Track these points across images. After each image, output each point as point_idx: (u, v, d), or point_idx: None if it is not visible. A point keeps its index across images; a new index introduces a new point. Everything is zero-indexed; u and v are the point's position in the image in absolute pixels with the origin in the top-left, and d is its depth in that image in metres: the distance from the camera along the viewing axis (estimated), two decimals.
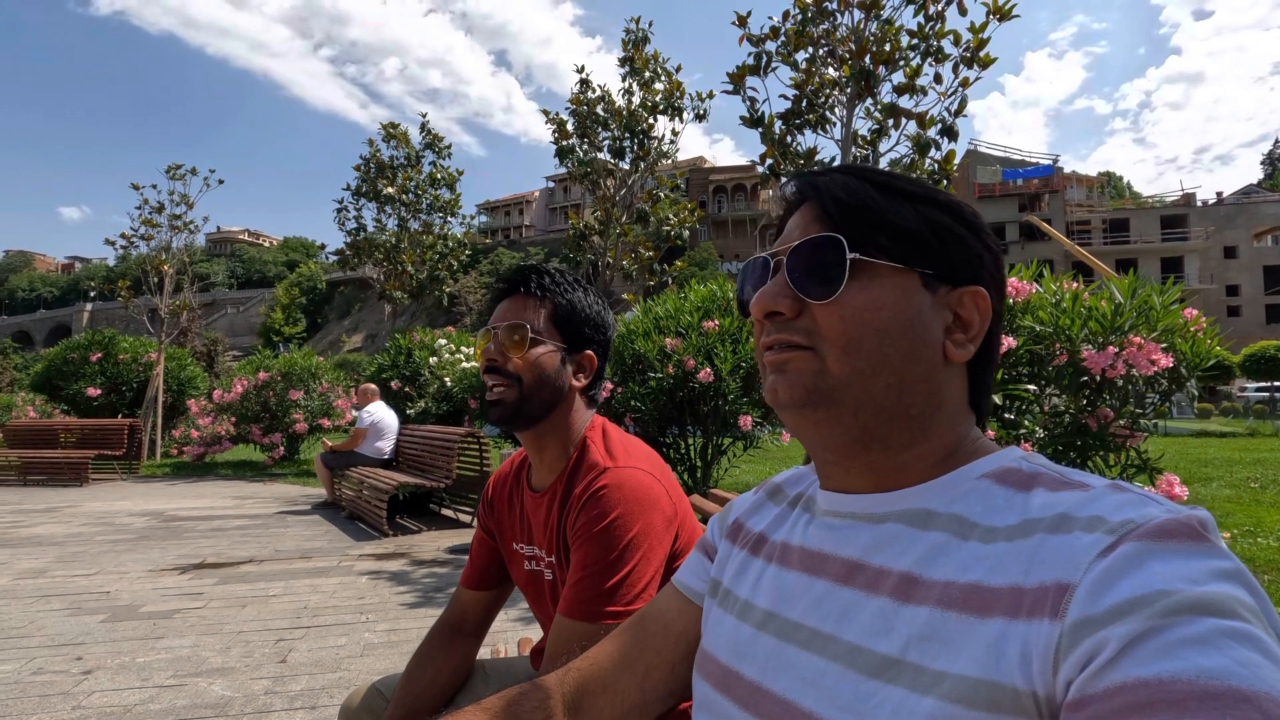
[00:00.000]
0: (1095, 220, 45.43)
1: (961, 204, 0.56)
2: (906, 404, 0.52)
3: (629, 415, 4.95)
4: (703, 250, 46.32)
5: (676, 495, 1.05)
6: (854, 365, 0.51)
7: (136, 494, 7.83)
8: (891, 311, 0.51)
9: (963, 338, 0.53)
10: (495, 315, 1.11)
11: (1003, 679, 0.40)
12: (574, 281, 1.13)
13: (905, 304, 0.51)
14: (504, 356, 1.06)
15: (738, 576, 0.62)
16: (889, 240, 0.52)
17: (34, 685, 2.50)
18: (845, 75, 5.41)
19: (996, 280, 0.56)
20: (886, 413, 0.52)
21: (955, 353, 0.52)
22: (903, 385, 0.51)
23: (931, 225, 0.53)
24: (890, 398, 0.51)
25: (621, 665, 0.65)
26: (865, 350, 0.51)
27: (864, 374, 0.51)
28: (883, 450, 0.53)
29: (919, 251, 0.52)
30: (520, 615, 3.28)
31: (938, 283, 0.53)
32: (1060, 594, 0.39)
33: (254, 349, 14.99)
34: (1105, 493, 0.44)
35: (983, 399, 0.57)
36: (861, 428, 0.52)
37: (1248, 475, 8.44)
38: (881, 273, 0.52)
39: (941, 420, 0.53)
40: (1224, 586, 0.36)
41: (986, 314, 0.54)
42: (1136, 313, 2.58)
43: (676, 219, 10.21)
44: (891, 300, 0.51)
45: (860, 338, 0.51)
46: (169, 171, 12.38)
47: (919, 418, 0.52)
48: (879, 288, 0.52)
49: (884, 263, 0.52)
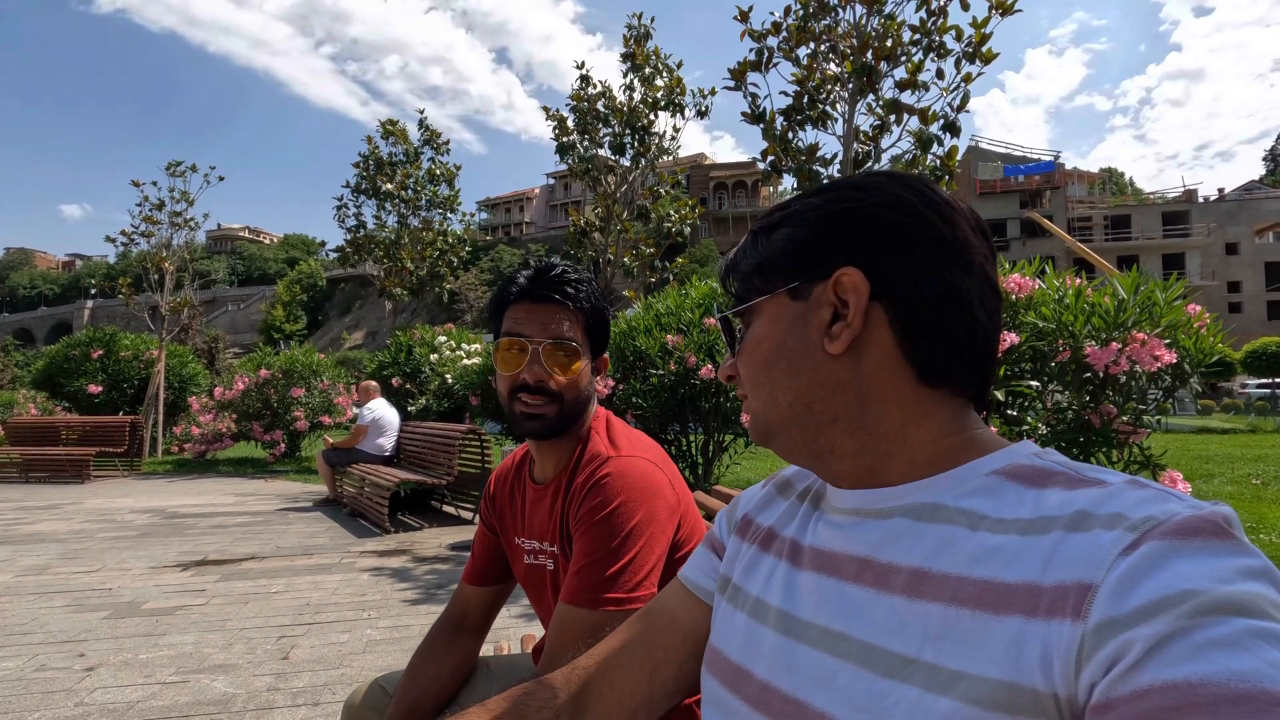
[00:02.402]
0: (1097, 217, 45.35)
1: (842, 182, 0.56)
2: (820, 413, 0.53)
3: (630, 412, 4.95)
4: (704, 247, 46.28)
5: (679, 485, 1.05)
6: (761, 400, 0.57)
7: (138, 491, 7.84)
8: (767, 341, 0.56)
9: (840, 326, 0.52)
10: (527, 325, 1.04)
11: (1022, 680, 0.39)
12: (592, 280, 1.10)
13: (775, 328, 0.56)
14: (549, 376, 1.02)
15: (748, 573, 0.62)
16: (759, 278, 0.57)
17: (37, 682, 2.50)
18: (847, 71, 5.39)
19: (885, 241, 0.52)
20: (810, 427, 0.54)
21: (831, 345, 0.52)
22: (803, 400, 0.54)
23: (786, 242, 0.56)
24: (802, 414, 0.54)
25: (628, 663, 0.65)
26: (760, 384, 0.57)
27: (770, 404, 0.56)
28: (840, 458, 0.54)
29: (779, 274, 0.56)
30: (523, 612, 3.28)
31: (810, 285, 0.54)
32: (1082, 594, 0.38)
33: (255, 346, 14.99)
34: (1124, 489, 0.43)
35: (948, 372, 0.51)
36: (805, 446, 0.56)
37: (1249, 472, 8.44)
38: (758, 310, 0.58)
39: (880, 411, 0.52)
40: (1252, 585, 0.35)
41: (860, 288, 0.51)
42: (1140, 309, 2.57)
43: (677, 215, 10.18)
44: (765, 331, 0.56)
45: (754, 375, 0.57)
46: (169, 168, 12.36)
47: (845, 419, 0.53)
48: (758, 324, 0.57)
49: (756, 300, 0.57)
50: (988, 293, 0.53)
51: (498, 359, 1.06)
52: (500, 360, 1.06)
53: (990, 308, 0.53)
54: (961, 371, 0.52)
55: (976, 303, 0.52)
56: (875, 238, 0.52)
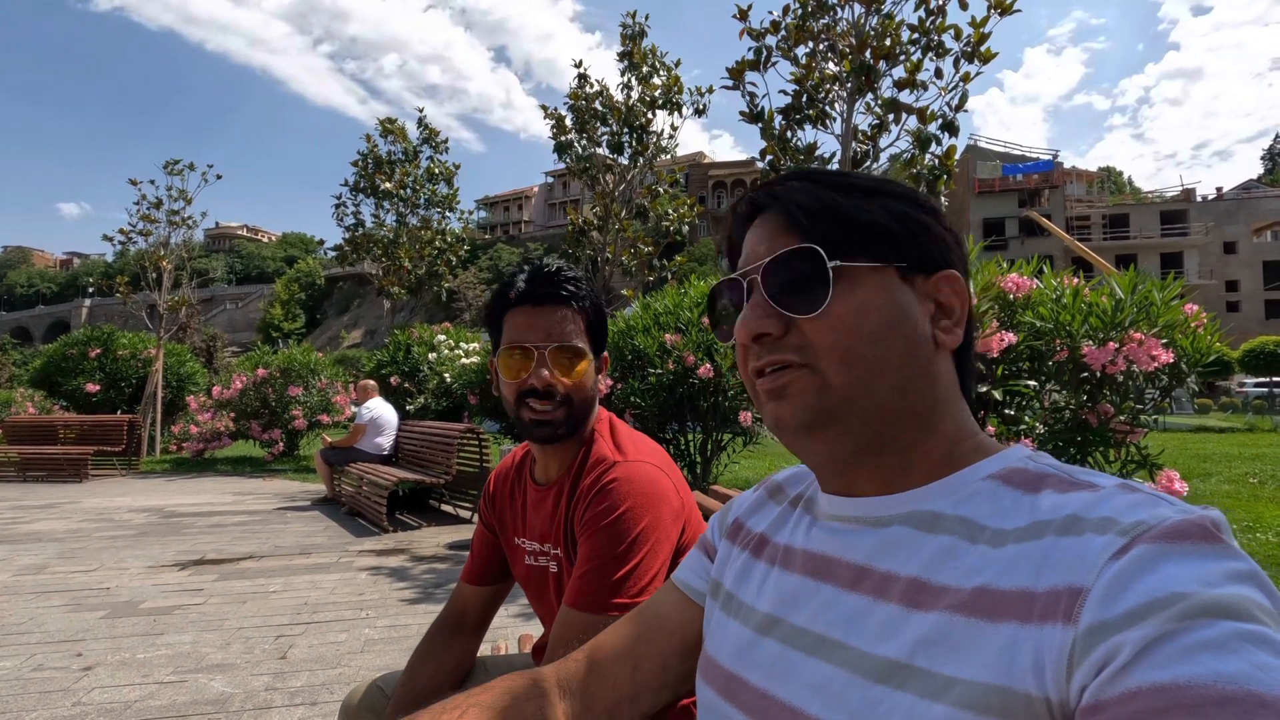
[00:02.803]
0: (1095, 216, 45.38)
1: (917, 192, 0.56)
2: (911, 402, 0.52)
3: (629, 411, 4.95)
4: (702, 246, 46.26)
5: (683, 490, 1.06)
6: (856, 374, 0.50)
7: (136, 490, 7.83)
8: (880, 313, 0.51)
9: (949, 324, 0.53)
10: (530, 330, 1.03)
11: (1015, 685, 0.39)
12: (588, 278, 1.10)
13: (891, 302, 0.51)
14: (557, 380, 1.02)
15: (741, 580, 0.62)
16: (862, 239, 0.52)
17: (34, 682, 2.50)
18: (845, 70, 5.39)
19: (964, 262, 0.56)
20: (894, 415, 0.51)
21: (945, 340, 0.52)
22: (905, 385, 0.51)
23: (897, 217, 0.53)
24: (896, 400, 0.51)
25: (615, 655, 0.66)
26: (864, 357, 0.50)
27: (867, 381, 0.50)
28: (892, 453, 0.53)
29: (891, 246, 0.52)
30: (520, 611, 3.28)
31: (914, 273, 0.53)
32: (1073, 598, 0.39)
33: (253, 345, 14.97)
34: (1115, 493, 0.43)
35: (970, 382, 0.56)
36: (871, 435, 0.52)
37: (1246, 471, 8.46)
38: (862, 274, 0.51)
39: (942, 412, 0.53)
40: (1240, 589, 0.36)
41: (964, 297, 0.54)
42: (1137, 308, 2.58)
43: (676, 214, 10.16)
44: (878, 301, 0.51)
45: (857, 345, 0.50)
46: (167, 167, 12.33)
47: (923, 413, 0.52)
48: (863, 290, 0.51)
49: (863, 264, 0.51)
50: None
51: (502, 367, 1.05)
52: (504, 368, 1.04)
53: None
54: (974, 384, 0.57)
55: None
56: (959, 252, 0.56)
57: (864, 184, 0.55)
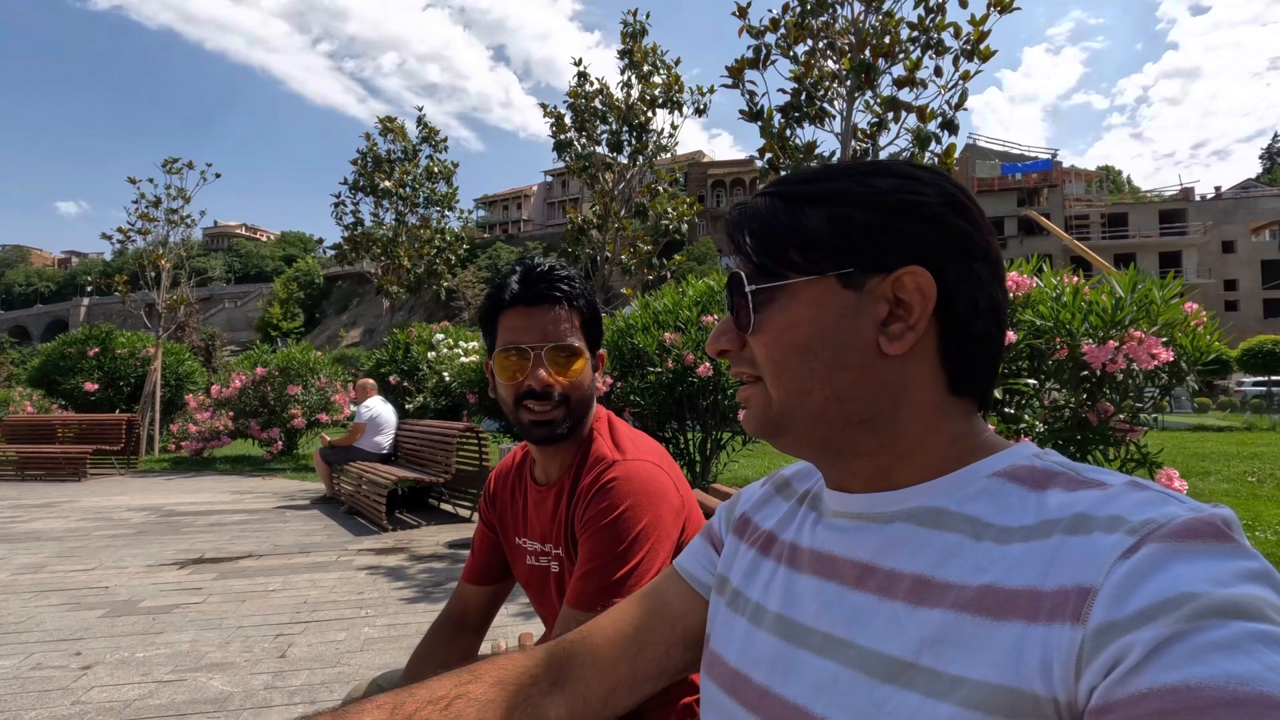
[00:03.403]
0: (1094, 215, 45.43)
1: (878, 191, 0.52)
2: (853, 411, 0.51)
3: (628, 410, 4.95)
4: (701, 245, 46.25)
5: (684, 488, 1.05)
6: (788, 387, 0.52)
7: (135, 489, 7.82)
8: (810, 326, 0.51)
9: (901, 327, 0.50)
10: (526, 331, 1.02)
11: (1022, 685, 0.39)
12: (580, 275, 1.09)
13: (822, 313, 0.51)
14: (554, 380, 1.02)
15: (748, 577, 0.61)
16: (800, 254, 0.52)
17: (33, 680, 2.49)
18: (845, 68, 5.39)
19: (951, 247, 0.51)
20: (836, 422, 0.52)
21: (890, 345, 0.50)
22: (842, 394, 0.51)
23: (838, 224, 0.51)
24: (834, 409, 0.51)
25: (614, 641, 0.65)
26: (793, 370, 0.52)
27: (799, 394, 0.52)
28: (855, 457, 0.53)
29: (828, 255, 0.51)
30: (520, 610, 3.28)
31: (865, 276, 0.50)
32: (1082, 598, 0.38)
33: (252, 344, 14.95)
34: (1124, 491, 0.42)
35: (975, 381, 0.52)
36: (823, 442, 0.53)
37: (1245, 469, 8.47)
38: (797, 289, 0.52)
39: (909, 415, 0.51)
40: (1252, 588, 0.35)
41: (927, 292, 0.49)
42: (1137, 307, 2.58)
43: (675, 213, 10.15)
44: (808, 314, 0.51)
45: (785, 359, 0.52)
46: (166, 165, 12.31)
47: (876, 419, 0.51)
48: (797, 305, 0.52)
49: (793, 280, 0.52)
50: (1007, 305, 0.54)
51: (498, 369, 1.04)
52: (501, 370, 1.04)
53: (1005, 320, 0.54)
54: (986, 382, 0.53)
55: (1006, 318, 0.53)
56: (942, 241, 0.50)
57: (818, 191, 0.53)
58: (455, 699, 0.56)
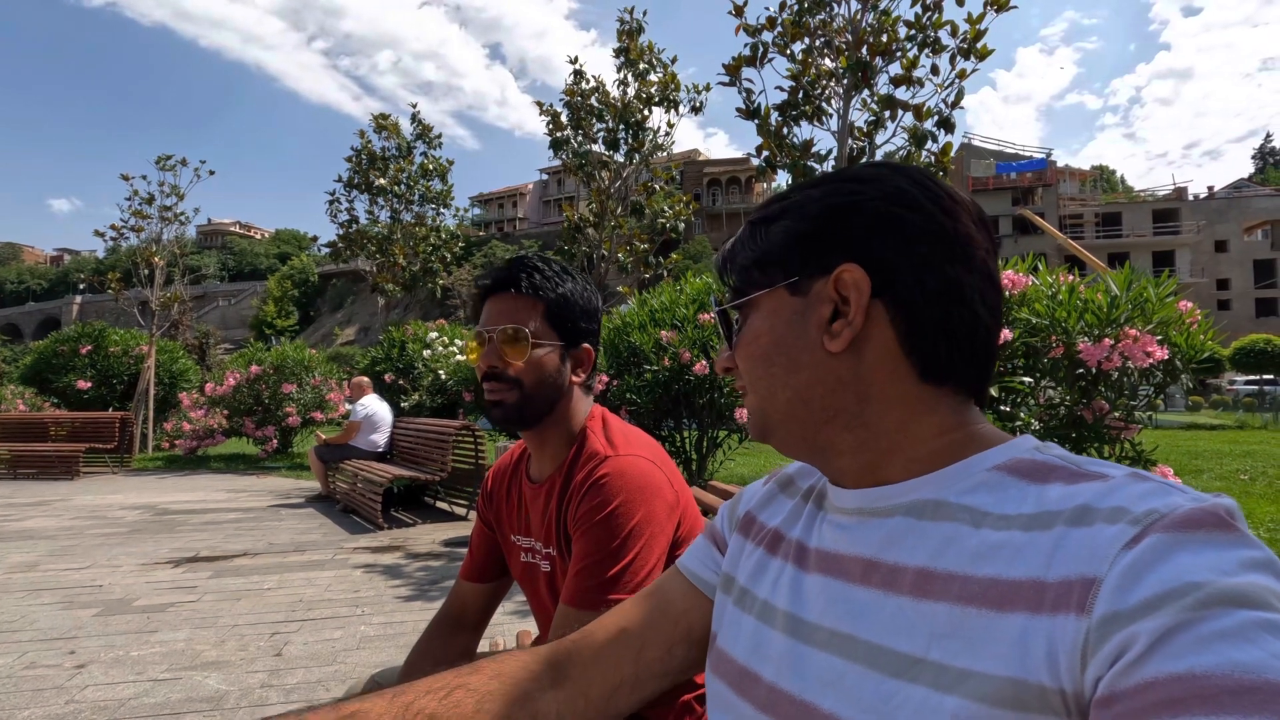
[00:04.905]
0: (1088, 214, 45.64)
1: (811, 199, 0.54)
2: (818, 410, 0.53)
3: (624, 408, 4.95)
4: (697, 243, 46.24)
5: (678, 483, 1.05)
6: (760, 395, 0.57)
7: (129, 487, 7.78)
8: (768, 335, 0.55)
9: (841, 323, 0.51)
10: (487, 316, 1.07)
11: (1029, 676, 0.39)
12: (563, 271, 1.10)
13: (774, 323, 0.55)
14: (503, 362, 1.03)
15: (755, 575, 0.61)
16: (759, 271, 0.56)
17: (27, 679, 2.48)
18: (842, 66, 5.39)
19: (884, 235, 0.51)
20: (809, 424, 0.55)
21: (832, 343, 0.51)
22: (802, 397, 0.54)
23: (783, 238, 0.55)
24: (799, 411, 0.54)
25: (615, 640, 0.65)
26: (760, 378, 0.56)
27: (768, 399, 0.56)
28: (840, 455, 0.54)
29: (779, 268, 0.55)
30: (519, 608, 3.27)
31: (810, 281, 0.53)
32: (1086, 588, 0.38)
33: (246, 342, 14.90)
34: (1126, 482, 0.42)
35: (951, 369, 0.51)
36: (804, 443, 0.56)
37: (1237, 467, 8.53)
38: (758, 303, 0.57)
39: (880, 409, 0.52)
40: (1256, 577, 0.35)
41: (861, 285, 0.50)
42: (1132, 305, 2.59)
43: (671, 211, 10.14)
44: (766, 325, 0.56)
45: (753, 369, 0.57)
46: (159, 162, 12.23)
47: (845, 415, 0.52)
48: (757, 318, 0.57)
49: (755, 294, 0.57)
50: (988, 288, 0.52)
51: (469, 356, 1.10)
52: (470, 356, 1.10)
53: (991, 303, 0.53)
54: (963, 368, 0.52)
55: (978, 298, 0.51)
56: (876, 232, 0.51)
57: (775, 211, 0.57)
58: (455, 689, 0.57)
